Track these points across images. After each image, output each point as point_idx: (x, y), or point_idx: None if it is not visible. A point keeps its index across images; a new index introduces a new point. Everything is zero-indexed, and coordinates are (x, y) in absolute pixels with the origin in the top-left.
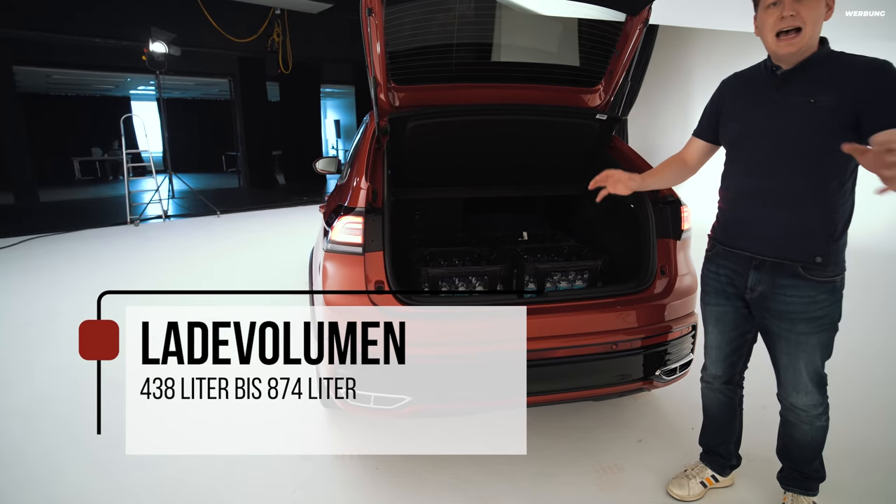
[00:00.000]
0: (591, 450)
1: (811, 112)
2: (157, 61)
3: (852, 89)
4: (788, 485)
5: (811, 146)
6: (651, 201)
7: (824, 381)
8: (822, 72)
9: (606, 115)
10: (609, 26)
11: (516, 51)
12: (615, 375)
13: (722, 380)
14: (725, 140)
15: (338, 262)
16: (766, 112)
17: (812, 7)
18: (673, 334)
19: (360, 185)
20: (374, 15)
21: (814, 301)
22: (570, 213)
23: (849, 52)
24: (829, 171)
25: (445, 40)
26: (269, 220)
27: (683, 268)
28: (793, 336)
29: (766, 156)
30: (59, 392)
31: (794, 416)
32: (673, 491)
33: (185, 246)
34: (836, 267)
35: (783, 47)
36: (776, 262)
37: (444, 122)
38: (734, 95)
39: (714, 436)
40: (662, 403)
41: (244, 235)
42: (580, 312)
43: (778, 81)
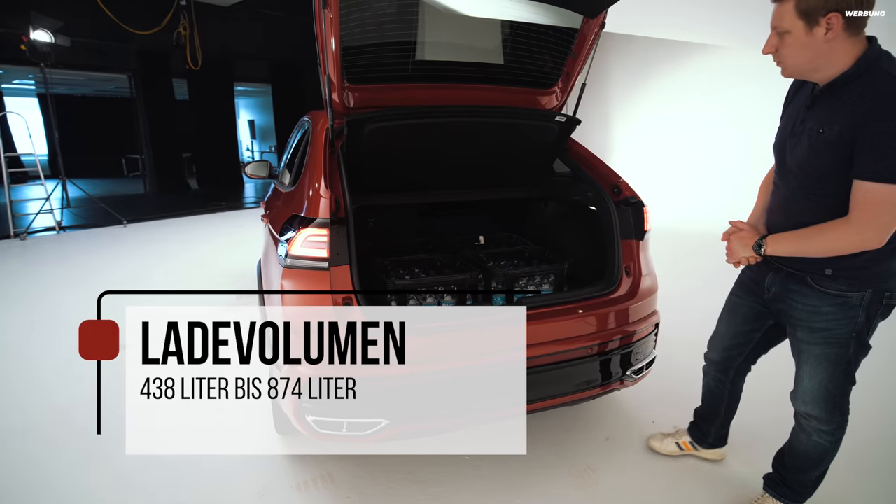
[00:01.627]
0: (563, 453)
1: (819, 142)
2: (40, 52)
3: (858, 116)
4: (767, 486)
5: (821, 174)
6: (614, 202)
7: (833, 400)
8: (848, 94)
9: (566, 116)
10: (567, 29)
11: (472, 51)
12: (594, 378)
13: (717, 367)
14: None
15: (300, 279)
16: (794, 131)
17: (786, 44)
18: (641, 334)
19: (320, 193)
20: (329, 8)
21: (817, 311)
22: (524, 216)
23: (887, 70)
24: (841, 199)
25: (403, 38)
26: (185, 228)
27: (645, 268)
28: (796, 341)
29: (788, 173)
30: (60, 393)
31: (797, 423)
32: (652, 444)
33: (87, 264)
34: (849, 281)
35: (782, 71)
36: (789, 270)
37: (404, 124)
38: (789, 102)
39: (700, 413)
40: (621, 400)
41: (160, 248)
42: (560, 318)
43: (811, 101)
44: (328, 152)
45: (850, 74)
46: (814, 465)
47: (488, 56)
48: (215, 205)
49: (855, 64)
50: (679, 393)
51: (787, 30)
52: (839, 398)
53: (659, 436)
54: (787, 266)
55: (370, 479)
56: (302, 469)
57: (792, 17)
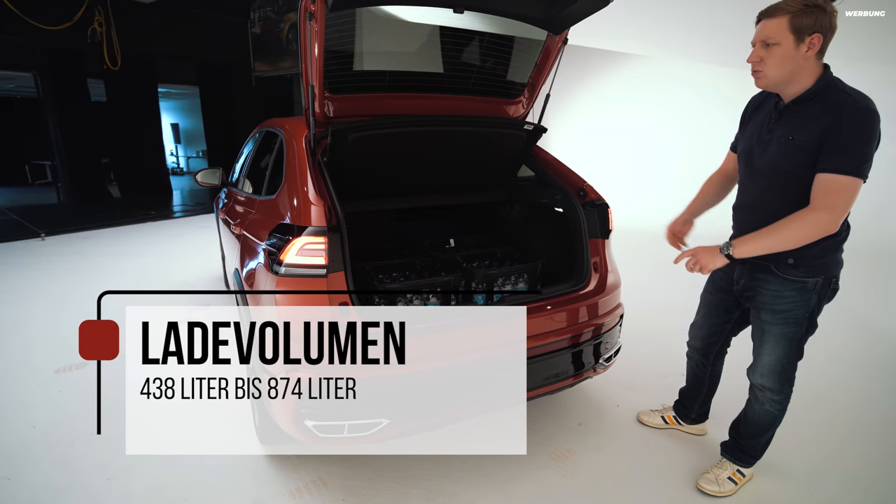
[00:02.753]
0: (542, 441)
1: (788, 148)
2: None
3: (823, 127)
4: (725, 452)
5: (787, 177)
6: (581, 204)
7: (786, 375)
8: (810, 109)
9: (532, 125)
10: (533, 43)
11: (445, 64)
12: (573, 368)
13: (699, 352)
14: (738, 154)
15: (295, 287)
16: (762, 139)
17: (773, 55)
18: (609, 325)
19: (311, 200)
20: (315, 20)
21: (779, 295)
22: (490, 219)
23: (841, 88)
24: (804, 195)
25: (381, 49)
26: (115, 241)
27: (610, 264)
28: (759, 322)
29: (755, 177)
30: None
31: (752, 394)
32: (641, 417)
33: (6, 283)
34: (807, 269)
35: (755, 81)
36: (754, 261)
37: (386, 133)
38: (752, 116)
39: (684, 393)
40: (587, 387)
41: (95, 262)
42: (544, 313)
43: (776, 115)
44: (311, 160)
45: (812, 91)
46: (764, 430)
47: (459, 68)
48: (144, 214)
49: (816, 83)
50: (637, 378)
51: (778, 42)
52: (790, 371)
53: (647, 411)
54: (753, 258)
55: (362, 480)
56: (292, 476)
57: (785, 31)
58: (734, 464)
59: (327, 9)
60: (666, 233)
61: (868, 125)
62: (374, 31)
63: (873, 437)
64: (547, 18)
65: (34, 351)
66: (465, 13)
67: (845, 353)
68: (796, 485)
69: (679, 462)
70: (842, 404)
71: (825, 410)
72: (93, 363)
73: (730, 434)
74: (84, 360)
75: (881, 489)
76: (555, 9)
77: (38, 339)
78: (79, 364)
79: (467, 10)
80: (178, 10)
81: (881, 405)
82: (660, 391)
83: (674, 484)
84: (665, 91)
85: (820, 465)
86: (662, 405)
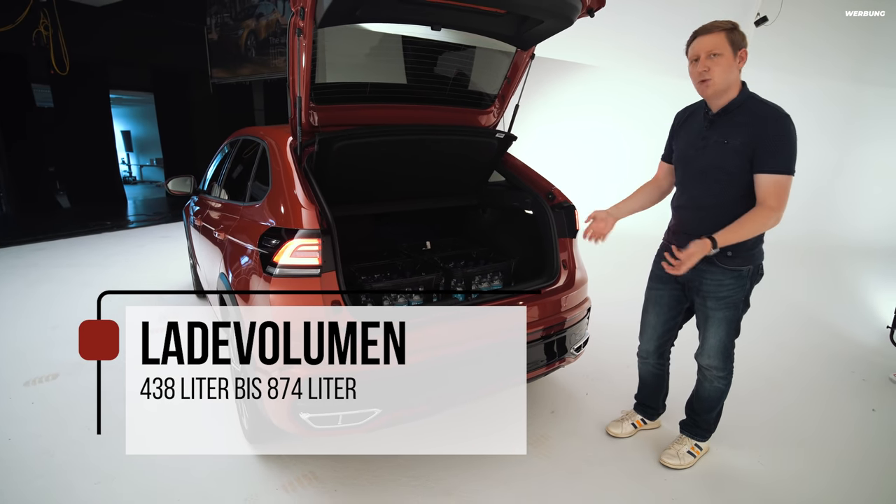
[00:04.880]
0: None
1: (724, 150)
2: None
3: (754, 133)
4: (684, 429)
5: (724, 174)
6: (550, 207)
7: (729, 352)
8: (738, 117)
9: (504, 133)
10: (503, 58)
11: (421, 76)
12: (547, 356)
13: (654, 355)
14: (674, 161)
15: (289, 287)
16: (697, 145)
17: (718, 63)
18: (578, 317)
19: (303, 204)
20: (304, 36)
21: (721, 283)
22: (462, 222)
23: (759, 100)
24: (737, 192)
25: (363, 63)
26: (71, 252)
27: (578, 261)
28: (704, 309)
29: (695, 177)
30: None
31: (701, 375)
32: (611, 430)
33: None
34: (743, 259)
35: (703, 90)
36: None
37: (368, 141)
38: (681, 127)
39: (646, 396)
40: (558, 379)
41: (48, 275)
42: (525, 306)
43: (708, 123)
44: (299, 168)
45: (736, 102)
46: (715, 404)
47: (435, 81)
48: (99, 224)
49: (739, 95)
50: (602, 368)
51: (722, 53)
52: (731, 349)
53: (615, 423)
54: None
55: (352, 471)
56: (283, 471)
57: (725, 44)
58: (692, 439)
59: (315, 26)
60: (591, 221)
61: (791, 130)
62: (357, 45)
63: (819, 415)
64: (516, 36)
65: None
66: (441, 30)
67: (795, 345)
68: (748, 455)
69: (643, 441)
70: (791, 389)
71: (775, 394)
72: (64, 376)
73: (686, 413)
74: (55, 372)
75: (822, 457)
76: (523, 28)
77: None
78: (49, 376)
79: (444, 28)
80: (131, 14)
81: (826, 389)
82: (625, 380)
83: (639, 460)
84: (617, 98)
85: (770, 440)
86: (622, 412)
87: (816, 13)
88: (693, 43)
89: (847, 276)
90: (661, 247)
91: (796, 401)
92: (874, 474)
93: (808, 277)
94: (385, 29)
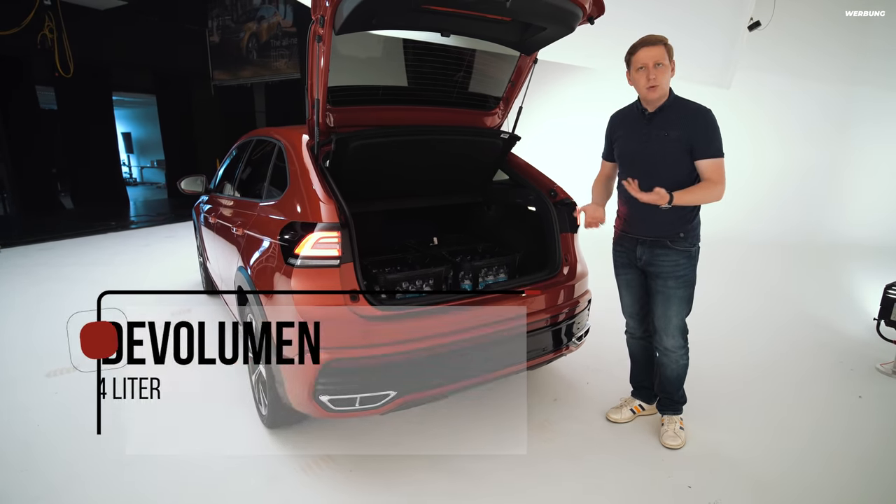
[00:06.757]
0: (523, 414)
1: (666, 141)
2: None
3: (688, 126)
4: (664, 410)
5: (667, 163)
6: (552, 203)
7: (685, 329)
8: (671, 114)
9: (508, 134)
10: (507, 62)
11: (431, 79)
12: (553, 344)
13: (640, 331)
14: (616, 158)
15: (310, 277)
16: (639, 140)
17: (662, 73)
18: (580, 307)
19: (322, 200)
20: (323, 43)
21: (676, 264)
22: (467, 218)
23: (684, 99)
24: (681, 179)
25: (377, 68)
26: (77, 251)
27: (579, 255)
28: (666, 290)
29: (641, 170)
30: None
31: (666, 357)
32: (611, 416)
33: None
34: (692, 240)
35: (650, 94)
36: (653, 239)
37: (382, 141)
38: (618, 126)
39: (640, 374)
40: (560, 368)
41: (58, 274)
42: (530, 297)
43: (646, 120)
44: (317, 166)
45: (668, 102)
46: (682, 380)
47: (443, 84)
48: (104, 225)
49: (670, 96)
50: (601, 360)
51: (665, 63)
52: (685, 325)
53: (614, 410)
54: (651, 237)
55: (364, 451)
56: (299, 457)
57: (665, 55)
58: (676, 415)
59: (334, 33)
60: (585, 217)
61: (715, 120)
62: (371, 50)
63: (808, 401)
64: (520, 42)
65: (18, 358)
66: (451, 36)
67: (787, 337)
68: (740, 437)
69: (641, 426)
70: (782, 377)
71: (767, 382)
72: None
73: (660, 393)
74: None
75: (811, 439)
76: (527, 34)
77: (18, 348)
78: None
79: (453, 35)
80: (134, 17)
81: (815, 377)
82: (624, 370)
83: (637, 443)
84: (616, 99)
85: (761, 424)
86: (621, 399)
87: (815, 13)
88: (638, 53)
89: (837, 272)
90: (615, 238)
91: (787, 388)
92: (859, 454)
93: (799, 274)
94: (397, 35)
